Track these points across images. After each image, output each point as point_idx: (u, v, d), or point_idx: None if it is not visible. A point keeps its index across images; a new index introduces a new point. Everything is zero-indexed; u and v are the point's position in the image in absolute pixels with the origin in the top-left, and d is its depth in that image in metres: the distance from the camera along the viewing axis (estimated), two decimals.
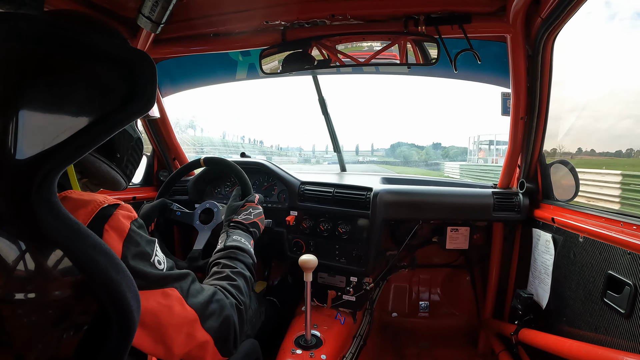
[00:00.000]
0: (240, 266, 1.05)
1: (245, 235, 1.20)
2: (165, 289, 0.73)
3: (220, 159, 1.62)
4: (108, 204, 0.68)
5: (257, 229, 1.30)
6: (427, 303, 2.30)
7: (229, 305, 0.88)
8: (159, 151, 2.20)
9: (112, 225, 0.67)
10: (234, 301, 0.91)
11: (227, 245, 1.12)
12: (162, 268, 0.75)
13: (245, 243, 1.16)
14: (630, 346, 1.07)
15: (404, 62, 1.53)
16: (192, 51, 1.76)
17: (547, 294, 1.54)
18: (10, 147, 0.53)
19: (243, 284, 0.99)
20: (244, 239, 1.17)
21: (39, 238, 0.57)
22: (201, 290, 0.83)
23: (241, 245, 1.13)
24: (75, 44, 0.60)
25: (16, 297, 0.59)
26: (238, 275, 1.01)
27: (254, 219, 1.30)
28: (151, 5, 1.28)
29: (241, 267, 1.05)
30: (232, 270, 1.01)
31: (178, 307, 0.75)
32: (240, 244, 1.13)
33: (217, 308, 0.83)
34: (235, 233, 1.19)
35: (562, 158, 1.66)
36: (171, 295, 0.74)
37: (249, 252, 1.14)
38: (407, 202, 1.83)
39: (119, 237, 0.67)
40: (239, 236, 1.17)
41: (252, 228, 1.27)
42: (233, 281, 0.97)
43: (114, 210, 0.68)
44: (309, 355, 1.47)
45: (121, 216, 0.69)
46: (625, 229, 1.15)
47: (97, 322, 0.62)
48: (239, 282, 0.98)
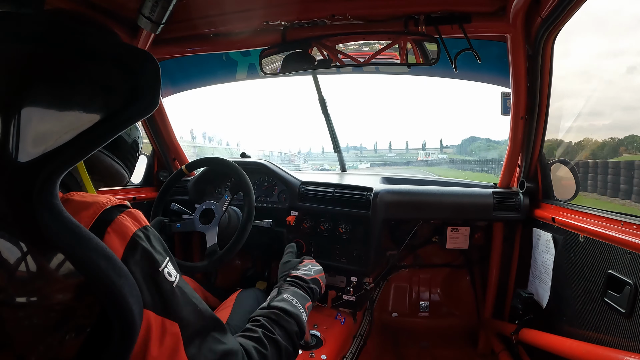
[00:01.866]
0: (278, 332, 0.85)
1: (301, 295, 1.02)
2: (165, 319, 0.63)
3: (200, 159, 1.71)
4: (111, 205, 0.64)
5: (318, 286, 1.14)
6: (427, 303, 2.29)
7: None
8: (159, 151, 2.20)
9: (115, 228, 0.63)
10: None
11: (272, 305, 0.93)
12: (172, 280, 0.66)
13: (297, 305, 0.96)
14: (631, 345, 1.07)
15: (404, 62, 1.53)
16: (192, 51, 1.76)
17: (547, 293, 1.54)
18: (12, 150, 0.53)
19: (273, 354, 0.80)
20: (297, 300, 0.98)
21: (40, 241, 0.57)
22: (215, 344, 0.69)
23: (288, 308, 0.92)
24: (78, 44, 0.59)
25: (17, 300, 0.58)
26: (271, 341, 0.82)
27: (315, 276, 1.16)
28: (151, 5, 1.27)
29: (279, 333, 0.85)
30: (265, 333, 0.83)
31: (170, 343, 0.63)
32: (289, 306, 0.93)
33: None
34: (288, 290, 1.02)
35: (563, 158, 1.66)
36: (166, 328, 0.63)
37: (297, 317, 0.92)
38: (408, 202, 1.83)
39: (121, 241, 0.63)
40: (291, 295, 0.99)
41: (312, 284, 1.11)
42: (262, 346, 0.79)
43: (118, 213, 0.65)
44: (309, 356, 1.47)
45: (127, 220, 0.65)
46: (626, 229, 1.15)
47: (99, 325, 0.61)
48: (269, 352, 0.79)
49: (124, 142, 0.93)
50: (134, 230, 0.64)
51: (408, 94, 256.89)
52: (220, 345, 0.69)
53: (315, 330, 1.63)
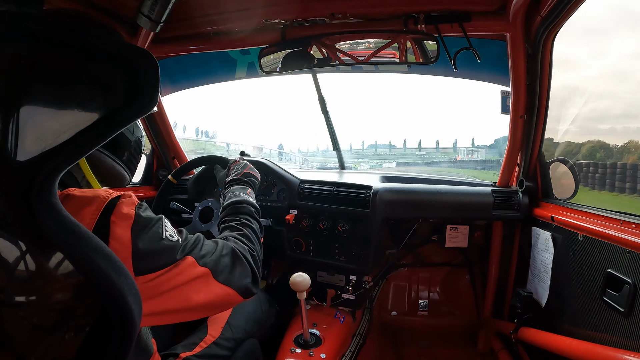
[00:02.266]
0: (243, 217, 1.08)
1: (240, 187, 1.23)
2: (179, 261, 0.76)
3: (184, 164, 1.73)
4: (111, 197, 0.69)
5: (252, 177, 1.31)
6: (426, 302, 2.30)
7: (241, 251, 0.91)
8: (159, 150, 2.19)
9: (118, 215, 0.68)
10: (246, 247, 0.95)
11: (225, 205, 1.14)
12: (176, 240, 0.78)
13: (241, 194, 1.17)
14: (630, 344, 1.07)
15: (403, 60, 1.53)
16: (192, 50, 1.76)
17: (546, 292, 1.54)
18: (11, 148, 0.53)
19: (250, 232, 1.03)
20: (239, 192, 1.19)
21: (39, 240, 0.57)
22: (211, 247, 0.86)
23: (237, 199, 1.14)
24: (77, 43, 0.59)
25: (17, 300, 0.58)
26: (243, 225, 1.04)
27: (243, 170, 1.32)
28: (150, 4, 1.27)
29: (244, 217, 1.08)
30: (236, 223, 1.05)
31: (191, 270, 0.78)
32: (236, 198, 1.15)
33: (229, 260, 0.87)
34: (230, 191, 1.21)
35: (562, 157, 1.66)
36: (186, 260, 0.77)
37: (247, 201, 1.15)
38: (407, 201, 1.84)
39: (126, 225, 0.68)
40: (233, 192, 1.19)
41: (245, 178, 1.28)
42: (240, 231, 1.01)
43: (117, 201, 0.69)
44: (309, 354, 1.47)
45: (124, 204, 0.70)
46: (625, 228, 1.15)
47: (99, 324, 0.62)
48: (245, 231, 1.02)
49: (126, 143, 0.94)
50: (134, 211, 0.71)
51: (436, 90, 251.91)
52: (209, 246, 0.85)
53: (315, 329, 1.63)
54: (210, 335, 1.27)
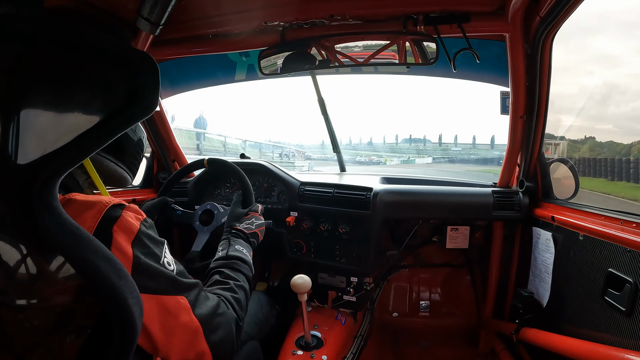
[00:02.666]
0: (242, 279, 1.04)
1: (246, 245, 1.20)
2: (177, 296, 0.74)
3: (225, 161, 1.61)
4: (114, 203, 0.68)
5: (257, 240, 1.29)
6: (427, 303, 2.29)
7: (231, 319, 0.88)
8: (159, 153, 2.19)
9: (121, 225, 0.67)
10: (234, 315, 0.91)
11: (230, 255, 1.11)
12: (172, 269, 0.76)
13: (247, 254, 1.15)
14: (631, 344, 1.07)
15: (403, 61, 1.54)
16: (191, 52, 1.76)
17: (547, 292, 1.54)
18: (11, 151, 0.53)
19: (243, 297, 0.99)
20: (245, 250, 1.16)
21: (40, 243, 0.57)
22: (207, 301, 0.83)
23: (243, 257, 1.12)
24: (77, 45, 0.59)
25: (18, 302, 0.58)
26: (240, 288, 1.00)
27: (255, 230, 1.29)
28: (150, 6, 1.27)
29: (242, 279, 1.04)
30: (235, 283, 1.00)
31: (185, 317, 0.75)
32: (243, 255, 1.12)
33: (221, 322, 0.84)
34: (237, 242, 1.18)
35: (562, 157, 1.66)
36: (180, 304, 0.75)
37: (250, 264, 1.13)
38: (407, 202, 1.84)
39: (128, 237, 0.67)
40: (241, 246, 1.16)
41: (252, 238, 1.26)
42: (235, 294, 0.97)
43: (121, 210, 0.68)
44: (310, 356, 1.47)
45: (130, 217, 0.69)
46: (625, 227, 1.15)
47: (99, 326, 0.61)
48: (240, 296, 0.98)
49: (128, 145, 0.94)
50: (137, 225, 0.70)
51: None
52: (209, 301, 0.84)
53: (316, 330, 1.62)
54: None
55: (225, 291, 0.96)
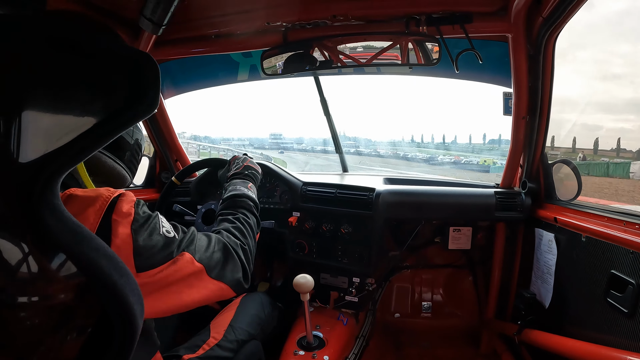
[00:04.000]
0: (240, 211, 1.09)
1: (242, 181, 1.24)
2: (177, 257, 0.78)
3: (187, 166, 1.70)
4: (113, 196, 0.71)
5: (253, 170, 1.32)
6: (429, 303, 2.29)
7: (233, 246, 0.93)
8: (161, 153, 2.20)
9: (118, 213, 0.70)
10: (238, 242, 0.96)
11: (224, 198, 1.16)
12: (172, 236, 0.79)
13: (241, 188, 1.19)
14: (634, 346, 1.07)
15: (405, 62, 1.53)
16: (194, 53, 1.77)
17: (549, 293, 1.53)
18: (13, 150, 0.53)
19: (245, 226, 1.04)
20: (240, 185, 1.20)
21: (41, 241, 0.57)
22: (205, 242, 0.87)
23: (237, 192, 1.16)
24: (79, 45, 0.60)
25: (19, 300, 0.58)
26: (238, 219, 1.05)
27: (244, 164, 1.33)
28: (152, 6, 1.27)
29: (241, 211, 1.09)
30: (233, 216, 1.06)
31: (189, 267, 0.80)
32: (236, 191, 1.17)
33: (221, 255, 0.89)
34: (231, 184, 1.22)
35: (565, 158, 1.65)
36: (184, 257, 0.79)
37: (247, 195, 1.16)
38: (410, 203, 1.83)
39: (127, 222, 0.70)
40: (234, 185, 1.20)
41: (246, 171, 1.29)
42: (234, 224, 1.03)
43: (117, 200, 0.71)
44: (312, 357, 1.47)
45: (124, 202, 0.72)
46: (628, 229, 1.15)
47: (100, 325, 0.62)
48: (240, 225, 1.03)
49: (127, 144, 0.95)
50: (132, 209, 0.73)
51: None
52: (204, 242, 0.87)
53: (318, 331, 1.63)
54: (212, 337, 1.27)
55: (223, 224, 1.03)
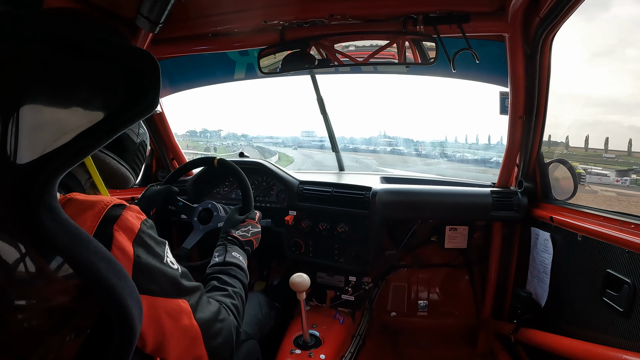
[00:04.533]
0: (238, 285, 1.05)
1: (241, 252, 1.20)
2: (179, 299, 0.75)
3: (234, 166, 1.57)
4: (115, 203, 0.68)
5: (251, 247, 1.29)
6: (426, 302, 2.29)
7: (232, 325, 0.89)
8: (158, 151, 2.19)
9: (122, 225, 0.67)
10: (234, 322, 0.91)
11: (227, 261, 1.11)
12: (175, 269, 0.76)
13: (243, 261, 1.16)
14: (629, 345, 1.08)
15: (402, 61, 1.53)
16: (191, 51, 1.76)
17: (545, 293, 1.54)
18: (10, 151, 0.52)
19: (240, 305, 1.00)
20: (241, 257, 1.17)
21: (39, 243, 0.57)
22: (209, 306, 0.84)
23: (240, 264, 1.12)
24: (77, 44, 0.59)
25: (17, 302, 0.58)
26: (237, 295, 1.01)
27: (251, 237, 1.29)
28: (149, 5, 1.27)
29: (239, 286, 1.05)
30: (232, 290, 1.01)
31: (186, 320, 0.76)
32: (239, 262, 1.13)
33: (222, 328, 0.85)
34: (233, 249, 1.18)
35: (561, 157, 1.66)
36: (182, 308, 0.75)
37: (246, 271, 1.14)
38: (406, 202, 1.83)
39: (129, 237, 0.68)
40: (237, 253, 1.16)
41: (246, 246, 1.26)
42: (234, 300, 0.98)
43: (121, 210, 0.69)
44: (308, 355, 1.47)
45: (130, 216, 0.69)
46: (624, 228, 1.16)
47: (98, 327, 0.61)
48: (238, 303, 0.98)
49: (131, 145, 0.94)
50: (138, 225, 0.70)
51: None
52: (210, 306, 0.84)
53: (314, 330, 1.62)
54: None
55: (224, 297, 0.96)
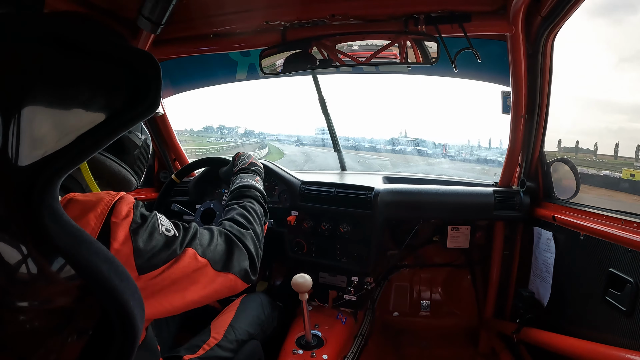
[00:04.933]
0: (245, 200, 1.10)
1: (249, 175, 1.25)
2: (180, 255, 0.77)
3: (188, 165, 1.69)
4: (115, 200, 0.70)
5: (258, 166, 1.34)
6: (428, 302, 2.29)
7: (237, 234, 0.92)
8: (160, 152, 2.20)
9: (117, 215, 0.69)
10: (243, 230, 0.95)
11: (232, 189, 1.18)
12: (172, 234, 0.78)
13: (249, 180, 1.20)
14: (632, 344, 1.07)
15: (404, 61, 1.53)
16: (192, 52, 1.76)
17: (548, 292, 1.54)
18: (12, 153, 0.52)
19: (251, 213, 1.05)
20: (247, 178, 1.22)
21: (40, 244, 0.56)
22: (208, 235, 0.86)
23: (244, 183, 1.18)
24: (78, 45, 0.59)
25: (18, 303, 0.58)
26: (245, 207, 1.06)
27: (249, 160, 1.35)
28: (151, 6, 1.27)
29: (247, 200, 1.10)
30: (239, 205, 1.07)
31: (193, 263, 0.79)
32: (243, 182, 1.19)
33: (224, 246, 0.87)
34: (238, 178, 1.23)
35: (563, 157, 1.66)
36: (187, 253, 0.78)
37: (253, 186, 1.18)
38: (408, 202, 1.83)
39: (125, 224, 0.69)
40: (241, 178, 1.22)
41: (252, 167, 1.31)
42: (239, 211, 1.03)
43: (116, 203, 0.71)
44: (311, 356, 1.47)
45: (122, 204, 0.71)
46: (627, 227, 1.15)
47: (101, 328, 0.61)
48: (246, 212, 1.03)
49: (132, 147, 0.94)
50: (131, 210, 0.72)
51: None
52: (205, 236, 0.85)
53: (317, 330, 1.63)
54: (213, 337, 1.27)
55: (229, 214, 1.03)
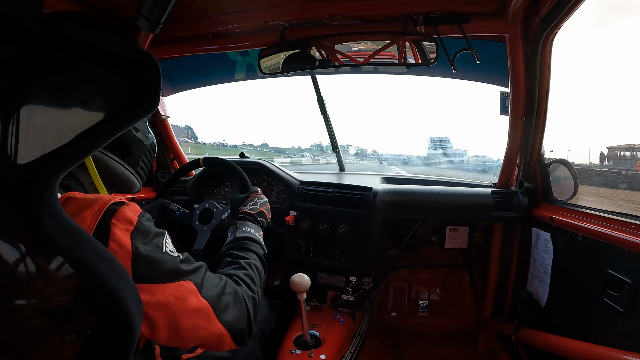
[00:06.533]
0: (252, 257, 1.05)
1: (254, 226, 1.20)
2: (182, 281, 0.75)
3: (220, 158, 1.62)
4: (114, 201, 0.70)
5: (265, 219, 1.30)
6: (426, 303, 2.29)
7: (243, 295, 0.88)
8: (158, 151, 2.19)
9: (119, 218, 0.68)
10: (249, 292, 0.91)
11: (238, 237, 1.12)
12: (175, 255, 0.76)
13: (255, 234, 1.16)
14: (630, 345, 1.07)
15: (402, 62, 1.53)
16: (191, 51, 1.76)
17: (546, 293, 1.54)
18: (11, 151, 0.52)
19: (255, 274, 0.99)
20: (254, 230, 1.17)
21: (39, 243, 0.56)
22: (215, 281, 0.83)
23: (251, 236, 1.13)
24: (77, 44, 0.59)
25: (17, 302, 0.58)
26: (250, 265, 1.01)
27: (261, 209, 1.31)
28: (150, 5, 1.27)
29: (253, 257, 1.05)
30: (245, 261, 1.01)
31: (193, 299, 0.76)
32: (251, 235, 1.13)
33: (231, 299, 0.84)
34: (244, 224, 1.19)
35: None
36: (187, 288, 0.75)
37: (260, 242, 1.14)
38: (407, 202, 1.83)
39: (126, 228, 0.69)
40: (248, 227, 1.17)
41: (260, 218, 1.27)
42: (246, 271, 0.98)
43: (119, 206, 0.70)
44: (309, 356, 1.47)
45: (127, 210, 0.70)
46: (624, 228, 1.16)
47: (99, 327, 0.61)
48: (252, 272, 0.98)
49: (137, 149, 0.93)
50: (135, 218, 0.71)
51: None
52: (216, 281, 0.83)
53: (314, 330, 1.63)
54: None
55: (235, 270, 0.97)
